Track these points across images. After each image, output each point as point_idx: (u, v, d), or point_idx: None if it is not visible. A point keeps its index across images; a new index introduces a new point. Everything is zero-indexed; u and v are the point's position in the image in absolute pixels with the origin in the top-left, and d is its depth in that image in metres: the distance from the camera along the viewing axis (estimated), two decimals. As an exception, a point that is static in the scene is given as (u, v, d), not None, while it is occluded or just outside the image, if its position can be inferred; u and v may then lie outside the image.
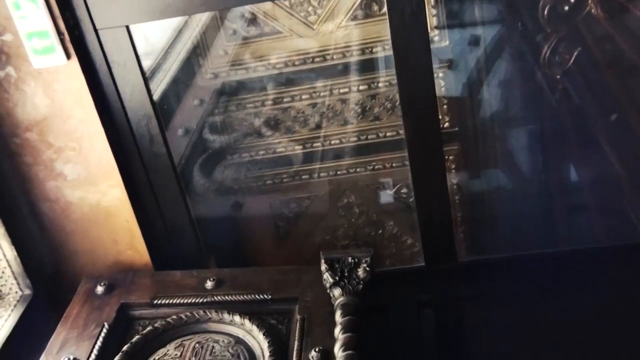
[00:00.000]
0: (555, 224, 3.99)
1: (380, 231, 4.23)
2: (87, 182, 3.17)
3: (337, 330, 2.74)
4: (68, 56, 2.84)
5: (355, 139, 4.14)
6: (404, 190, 4.11)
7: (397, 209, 4.20)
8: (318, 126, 4.16)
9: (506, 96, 4.05)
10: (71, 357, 2.76)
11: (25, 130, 3.03)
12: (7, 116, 2.99)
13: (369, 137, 4.14)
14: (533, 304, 3.27)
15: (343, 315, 2.79)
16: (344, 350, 2.62)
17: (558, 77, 3.63)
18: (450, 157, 4.03)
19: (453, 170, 4.04)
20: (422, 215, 3.37)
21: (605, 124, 3.58)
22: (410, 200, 4.00)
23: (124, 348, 2.83)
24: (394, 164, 4.12)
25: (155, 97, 3.46)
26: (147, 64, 3.68)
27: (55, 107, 2.98)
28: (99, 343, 2.85)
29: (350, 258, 2.94)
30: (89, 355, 2.79)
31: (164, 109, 3.78)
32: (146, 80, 3.06)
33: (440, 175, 3.27)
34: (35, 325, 3.14)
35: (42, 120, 3.01)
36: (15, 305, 3.14)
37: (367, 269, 2.90)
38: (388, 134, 4.10)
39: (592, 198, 3.94)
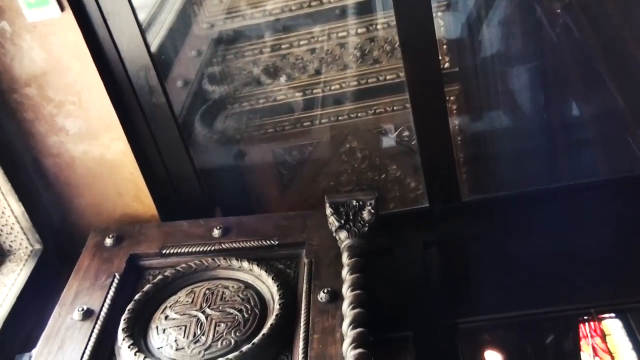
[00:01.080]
0: (557, 160, 4.00)
1: (384, 175, 4.25)
2: (89, 136, 3.17)
3: (345, 272, 2.78)
4: (62, 8, 2.81)
5: (355, 83, 4.12)
6: (406, 133, 4.10)
7: (400, 152, 4.20)
8: (318, 72, 4.13)
9: (506, 34, 4.01)
10: (85, 308, 2.81)
11: (25, 86, 3.02)
12: (5, 72, 2.97)
13: (369, 81, 4.11)
14: (537, 240, 3.30)
15: (350, 257, 2.83)
16: (352, 291, 2.67)
17: (558, 11, 3.58)
18: (452, 98, 4.01)
19: (455, 111, 4.03)
20: (425, 157, 3.38)
21: (606, 57, 3.55)
22: (413, 143, 4.00)
23: (136, 297, 2.89)
24: (395, 108, 4.11)
25: (153, 49, 3.44)
26: (142, 17, 3.64)
27: (52, 61, 2.96)
28: (111, 293, 2.91)
29: (355, 201, 2.97)
30: (102, 305, 2.85)
31: (162, 61, 3.75)
32: (142, 30, 3.03)
33: (442, 116, 3.26)
34: (47, 279, 3.19)
35: (40, 75, 3.00)
36: (26, 261, 3.18)
37: (372, 211, 2.93)
38: (388, 77, 4.07)
39: (594, 132, 3.94)
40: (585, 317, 3.37)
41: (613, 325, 3.40)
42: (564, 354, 3.33)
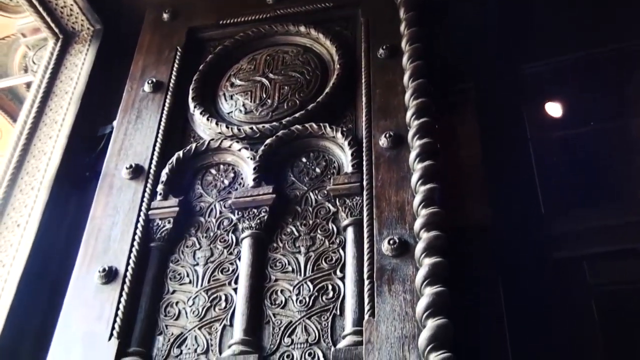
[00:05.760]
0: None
1: None
2: None
3: (403, 27, 2.76)
4: None
5: None
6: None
7: None
8: None
9: None
10: (154, 80, 2.93)
11: None
12: None
13: None
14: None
15: (407, 11, 2.79)
16: (410, 44, 2.67)
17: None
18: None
19: None
20: None
21: None
22: None
23: (201, 67, 2.98)
24: None
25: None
26: None
27: None
28: (176, 65, 3.00)
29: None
30: (170, 77, 2.96)
31: None
32: None
33: None
34: (112, 56, 3.27)
35: None
36: (90, 41, 3.26)
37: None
38: None
39: None
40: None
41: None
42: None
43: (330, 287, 2.24)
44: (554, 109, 3.20)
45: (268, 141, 2.62)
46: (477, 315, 2.08)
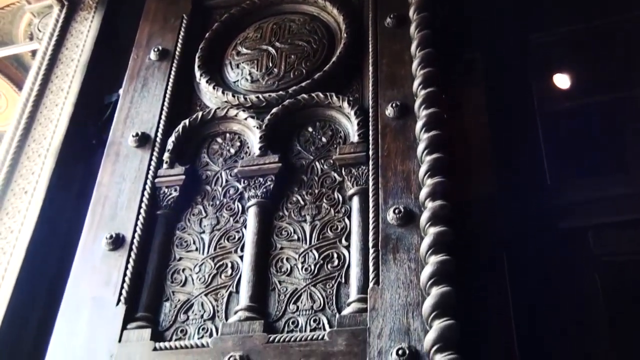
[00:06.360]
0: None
1: None
2: None
3: (411, -4, 2.74)
4: None
5: None
6: None
7: None
8: None
9: None
10: (160, 48, 2.92)
11: None
12: None
13: None
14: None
15: (415, -21, 2.76)
16: (418, 13, 2.65)
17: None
18: None
19: None
20: None
21: None
22: None
23: (207, 36, 2.96)
24: None
25: None
26: None
27: None
28: (182, 33, 2.99)
29: None
30: (176, 45, 2.95)
31: None
32: None
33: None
34: (117, 24, 3.26)
35: None
36: (95, 8, 3.24)
37: None
38: None
39: None
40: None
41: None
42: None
43: (335, 255, 2.25)
44: (562, 80, 3.17)
45: (274, 110, 2.62)
46: (481, 284, 2.10)
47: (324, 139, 2.57)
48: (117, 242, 2.37)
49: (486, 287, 2.11)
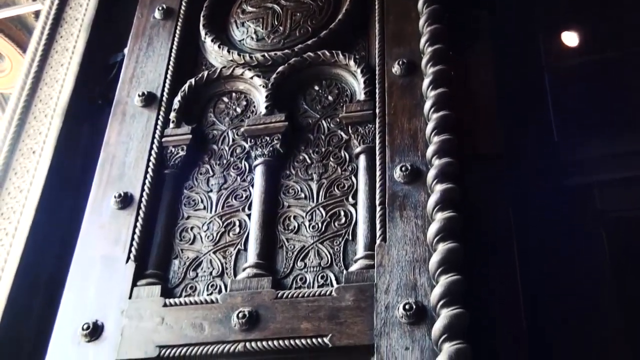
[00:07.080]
0: None
1: None
2: None
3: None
4: None
5: None
6: None
7: None
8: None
9: None
10: (164, 6, 2.89)
11: None
12: None
13: None
14: None
15: None
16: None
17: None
18: None
19: None
20: None
21: None
22: None
23: (211, -7, 2.94)
24: None
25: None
26: None
27: None
28: (186, -10, 2.95)
29: None
30: (180, 4, 2.91)
31: None
32: None
33: None
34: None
35: None
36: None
37: None
38: None
39: None
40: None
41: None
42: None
43: (342, 213, 2.27)
44: (570, 37, 3.14)
45: (280, 69, 2.61)
46: (488, 240, 2.11)
47: (330, 98, 2.57)
48: (125, 200, 2.39)
49: (495, 244, 2.13)
